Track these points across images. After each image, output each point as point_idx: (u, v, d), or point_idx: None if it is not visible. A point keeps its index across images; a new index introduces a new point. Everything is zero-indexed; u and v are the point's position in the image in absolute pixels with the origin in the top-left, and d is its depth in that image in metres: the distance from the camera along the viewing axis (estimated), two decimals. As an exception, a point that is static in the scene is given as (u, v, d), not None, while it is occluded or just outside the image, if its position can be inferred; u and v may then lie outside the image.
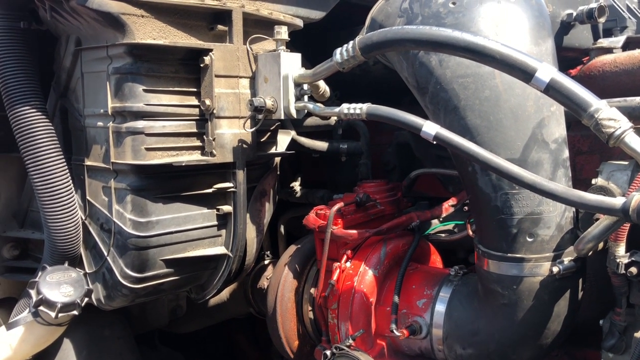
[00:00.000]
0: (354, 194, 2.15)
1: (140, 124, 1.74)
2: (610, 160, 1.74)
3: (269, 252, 2.74)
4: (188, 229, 1.87)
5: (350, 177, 2.72)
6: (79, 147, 1.90)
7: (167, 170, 1.78)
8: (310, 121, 2.49)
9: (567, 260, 1.63)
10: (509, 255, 1.66)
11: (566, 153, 1.67)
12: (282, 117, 1.84)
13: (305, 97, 1.85)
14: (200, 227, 1.90)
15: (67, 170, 1.82)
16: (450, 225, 2.38)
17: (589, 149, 2.03)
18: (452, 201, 2.22)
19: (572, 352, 2.15)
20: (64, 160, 1.81)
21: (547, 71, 1.36)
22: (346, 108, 1.69)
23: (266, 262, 2.67)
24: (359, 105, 1.67)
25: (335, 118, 2.56)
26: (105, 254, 1.83)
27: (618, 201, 1.33)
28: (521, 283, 1.65)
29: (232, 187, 1.92)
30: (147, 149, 1.74)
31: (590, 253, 1.55)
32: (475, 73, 1.63)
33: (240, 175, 1.91)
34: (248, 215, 2.00)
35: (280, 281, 2.18)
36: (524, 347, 1.73)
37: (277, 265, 2.25)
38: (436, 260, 2.25)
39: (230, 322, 3.17)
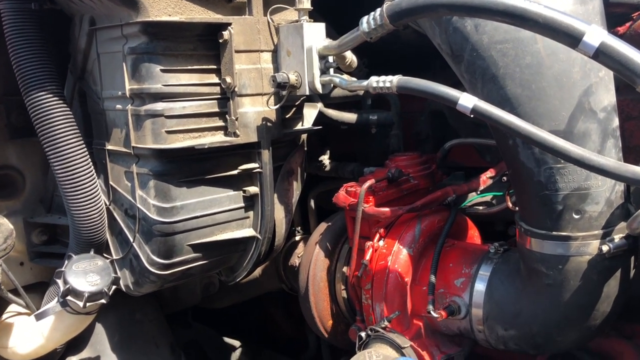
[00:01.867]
0: (385, 169, 2.05)
1: (159, 106, 1.66)
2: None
3: (299, 228, 2.67)
4: (214, 213, 1.81)
5: (381, 149, 2.62)
6: (99, 131, 1.84)
7: (189, 153, 1.71)
8: (338, 92, 2.38)
9: (617, 237, 1.51)
10: (554, 233, 1.55)
11: (616, 122, 1.53)
12: (307, 93, 1.74)
13: (331, 70, 1.75)
14: (226, 210, 1.84)
15: (88, 156, 1.76)
16: (487, 197, 2.26)
17: (638, 116, 1.88)
18: (489, 173, 2.10)
19: (620, 326, 2.04)
20: (83, 145, 1.75)
21: (596, 35, 1.22)
22: (375, 81, 1.58)
23: (297, 238, 2.60)
24: (389, 77, 1.56)
25: (364, 88, 2.44)
26: (131, 240, 1.79)
27: (677, 177, 1.21)
28: (567, 263, 1.55)
29: (258, 168, 1.85)
30: (168, 132, 1.67)
31: (645, 231, 1.43)
32: (515, 38, 1.50)
33: (266, 155, 1.83)
34: (276, 195, 1.93)
35: (311, 260, 2.11)
36: (570, 329, 1.63)
37: (308, 244, 2.19)
38: (474, 235, 2.15)
39: (264, 296, 3.15)
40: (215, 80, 1.75)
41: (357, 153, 2.75)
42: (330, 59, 1.74)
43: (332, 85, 1.75)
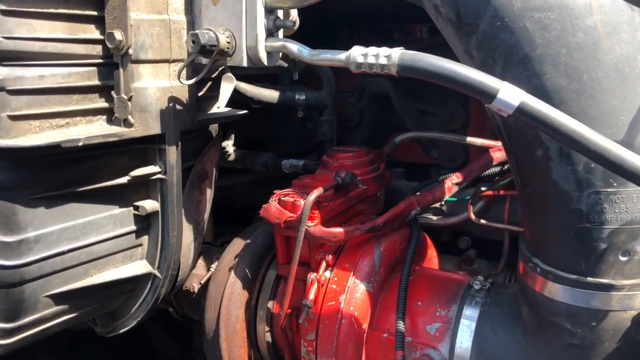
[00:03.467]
0: (329, 173, 1.52)
1: (-4, 72, 0.98)
2: None
3: (194, 235, 2.06)
4: (90, 244, 1.16)
5: (302, 136, 2.09)
6: None
7: (51, 154, 1.04)
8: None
9: (671, 286, 1.13)
10: (590, 280, 1.13)
11: (677, 131, 1.14)
12: (245, 64, 1.15)
13: (281, 32, 1.17)
14: (109, 237, 1.20)
15: None
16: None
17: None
18: (456, 178, 1.66)
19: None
20: None
21: None
22: (361, 55, 1.03)
23: (192, 250, 1.99)
24: (385, 51, 1.02)
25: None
26: (-53, 289, 1.09)
27: None
28: (605, 319, 1.14)
29: (160, 173, 1.22)
30: (13, 118, 0.99)
31: None
32: (562, 5, 1.03)
33: (173, 153, 1.22)
34: (182, 211, 1.32)
35: (224, 293, 1.53)
36: (591, 398, 1.25)
37: (218, 269, 1.60)
38: (433, 255, 1.71)
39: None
40: (96, 34, 1.09)
41: (268, 138, 2.19)
42: (281, 14, 1.15)
43: (280, 54, 1.17)
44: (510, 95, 0.95)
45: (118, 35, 1.07)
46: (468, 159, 1.89)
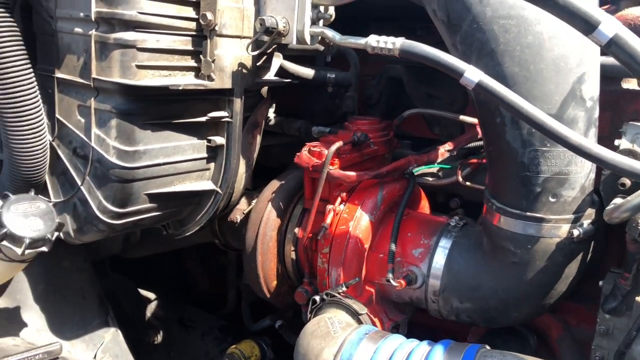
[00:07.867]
0: (349, 132, 1.99)
1: (131, 35, 1.46)
2: (630, 121, 1.69)
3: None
4: (177, 161, 1.65)
5: (330, 109, 2.55)
6: (47, 55, 1.59)
7: (159, 93, 1.53)
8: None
9: (586, 223, 1.58)
10: (528, 214, 1.58)
11: (597, 112, 1.58)
12: (294, 43, 1.62)
13: (321, 22, 1.64)
14: (189, 159, 1.69)
15: (35, 82, 1.52)
16: (435, 168, 2.29)
17: (600, 106, 1.96)
18: (448, 146, 2.11)
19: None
20: (31, 69, 1.51)
21: (612, 25, 1.24)
22: (375, 40, 1.50)
23: (236, 192, 2.48)
24: (391, 39, 1.48)
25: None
26: (79, 183, 1.59)
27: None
28: (537, 243, 1.59)
29: (228, 117, 1.70)
30: (139, 67, 1.48)
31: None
32: (519, 15, 1.48)
33: (238, 104, 1.69)
34: (240, 148, 1.80)
35: (262, 218, 2.02)
36: (526, 305, 1.70)
37: (259, 201, 2.08)
38: (425, 205, 2.17)
39: (181, 248, 3.00)
40: (193, 14, 1.57)
41: (301, 109, 2.65)
42: (322, 9, 1.62)
43: (319, 38, 1.64)
44: (473, 74, 1.40)
45: (209, 16, 1.55)
46: (464, 136, 2.33)
